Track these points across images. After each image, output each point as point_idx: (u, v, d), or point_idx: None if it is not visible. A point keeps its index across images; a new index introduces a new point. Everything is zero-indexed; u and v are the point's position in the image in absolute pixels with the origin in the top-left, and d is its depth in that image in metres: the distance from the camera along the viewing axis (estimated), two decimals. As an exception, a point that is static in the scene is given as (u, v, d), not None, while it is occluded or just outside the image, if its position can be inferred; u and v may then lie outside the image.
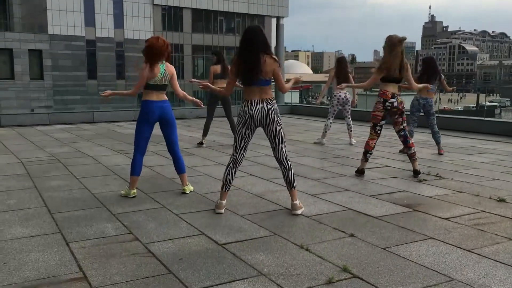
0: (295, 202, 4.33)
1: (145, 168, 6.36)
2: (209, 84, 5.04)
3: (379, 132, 5.94)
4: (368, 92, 21.46)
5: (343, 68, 8.79)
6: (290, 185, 4.35)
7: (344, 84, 7.25)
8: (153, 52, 4.73)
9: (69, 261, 3.26)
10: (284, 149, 4.38)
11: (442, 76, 7.80)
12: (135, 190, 4.98)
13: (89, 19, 34.94)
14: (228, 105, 8.58)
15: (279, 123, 4.32)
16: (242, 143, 4.36)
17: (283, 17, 43.16)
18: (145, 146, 5.00)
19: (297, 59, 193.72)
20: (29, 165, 6.76)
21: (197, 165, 6.70)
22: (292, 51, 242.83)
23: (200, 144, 8.59)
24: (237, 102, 13.80)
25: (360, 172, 5.94)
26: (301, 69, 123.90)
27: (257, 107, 4.23)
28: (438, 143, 7.78)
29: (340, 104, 8.94)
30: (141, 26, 36.63)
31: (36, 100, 32.40)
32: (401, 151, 7.76)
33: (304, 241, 3.59)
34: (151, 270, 3.09)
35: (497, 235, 3.75)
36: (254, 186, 5.39)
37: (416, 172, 5.82)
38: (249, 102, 4.26)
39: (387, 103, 5.75)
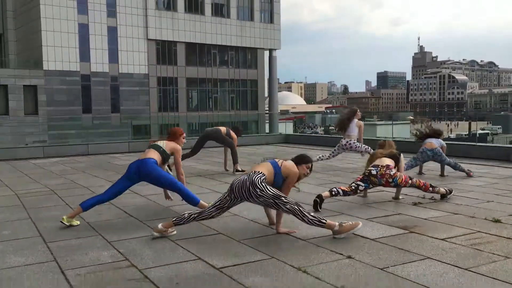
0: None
1: (140, 198, 6.38)
2: None
3: (353, 188, 5.65)
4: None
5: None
6: None
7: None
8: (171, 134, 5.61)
9: (64, 288, 3.22)
10: (286, 207, 4.22)
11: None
12: (78, 221, 5.02)
13: (84, 54, 35.31)
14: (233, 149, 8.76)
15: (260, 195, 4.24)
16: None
17: (275, 49, 43.86)
18: (113, 196, 5.14)
19: (290, 90, 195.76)
20: (24, 197, 6.73)
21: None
22: (285, 82, 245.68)
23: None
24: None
25: (319, 198, 5.48)
26: (295, 100, 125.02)
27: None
28: (463, 170, 7.94)
29: (340, 148, 9.23)
30: (135, 60, 37.00)
31: (31, 135, 32.33)
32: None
33: (302, 263, 3.58)
34: (148, 295, 3.06)
35: (493, 253, 3.75)
36: (250, 212, 5.37)
37: (443, 196, 5.92)
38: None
39: (366, 170, 5.77)
